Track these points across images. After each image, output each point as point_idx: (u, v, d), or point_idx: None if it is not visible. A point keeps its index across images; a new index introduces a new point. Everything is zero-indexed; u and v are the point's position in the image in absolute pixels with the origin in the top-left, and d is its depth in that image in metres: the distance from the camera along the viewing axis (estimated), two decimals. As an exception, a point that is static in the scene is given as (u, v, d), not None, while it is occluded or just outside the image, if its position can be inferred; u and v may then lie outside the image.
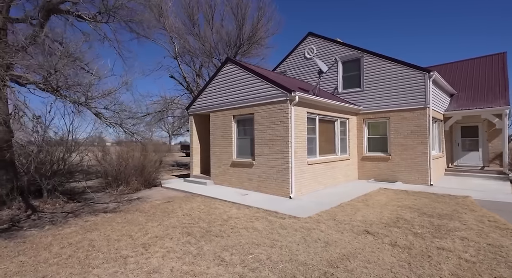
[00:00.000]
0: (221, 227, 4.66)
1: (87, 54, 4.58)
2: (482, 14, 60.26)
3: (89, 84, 4.36)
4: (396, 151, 9.69)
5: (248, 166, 8.33)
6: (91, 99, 4.56)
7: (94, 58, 4.60)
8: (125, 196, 8.05)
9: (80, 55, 4.39)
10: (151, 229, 4.61)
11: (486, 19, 64.48)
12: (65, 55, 3.93)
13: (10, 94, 3.68)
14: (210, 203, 6.80)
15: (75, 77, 4.36)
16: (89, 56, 4.66)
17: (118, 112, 5.10)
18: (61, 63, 3.85)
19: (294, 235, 4.14)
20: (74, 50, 4.12)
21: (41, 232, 4.58)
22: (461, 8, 56.59)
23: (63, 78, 4.08)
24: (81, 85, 4.26)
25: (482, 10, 59.42)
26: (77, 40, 4.18)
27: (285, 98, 7.23)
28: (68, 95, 4.45)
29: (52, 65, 3.76)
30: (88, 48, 4.40)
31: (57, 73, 3.92)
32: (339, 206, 6.13)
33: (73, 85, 4.19)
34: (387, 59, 9.88)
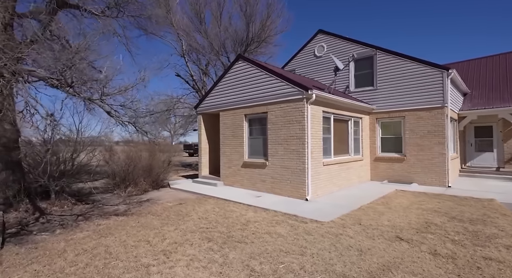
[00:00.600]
0: (242, 232, 4.40)
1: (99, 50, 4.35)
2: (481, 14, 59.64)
3: (106, 79, 4.12)
4: (412, 151, 9.41)
5: (260, 167, 8.07)
6: (107, 96, 4.32)
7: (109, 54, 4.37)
8: (134, 198, 7.81)
9: (97, 48, 4.16)
10: (168, 233, 4.36)
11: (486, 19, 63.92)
12: (83, 48, 3.69)
13: (21, 90, 3.46)
14: (224, 205, 6.55)
15: (89, 73, 4.12)
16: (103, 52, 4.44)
17: (135, 110, 4.85)
18: (78, 57, 3.61)
19: (322, 241, 3.88)
20: (91, 43, 3.88)
21: (52, 236, 4.34)
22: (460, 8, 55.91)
23: (77, 73, 3.84)
24: (97, 81, 4.02)
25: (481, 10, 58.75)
26: (93, 33, 3.95)
27: (301, 96, 6.96)
28: (81, 92, 4.21)
29: (69, 58, 3.52)
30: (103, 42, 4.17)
31: (73, 67, 3.68)
32: (360, 209, 5.86)
33: (89, 80, 3.96)
34: (403, 57, 9.58)
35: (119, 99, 4.82)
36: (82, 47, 3.71)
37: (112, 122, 5.46)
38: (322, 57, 12.07)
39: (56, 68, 3.61)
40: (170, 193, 8.55)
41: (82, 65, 3.85)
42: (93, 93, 4.36)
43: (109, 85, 4.24)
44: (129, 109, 4.69)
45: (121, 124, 4.95)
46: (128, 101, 4.61)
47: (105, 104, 4.49)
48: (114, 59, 4.80)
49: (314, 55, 12.43)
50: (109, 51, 4.65)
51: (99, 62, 4.09)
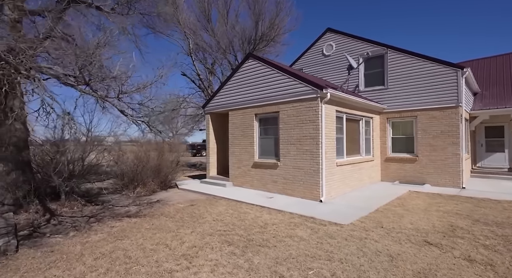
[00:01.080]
0: (262, 235, 4.26)
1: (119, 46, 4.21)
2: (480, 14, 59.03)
3: (125, 77, 3.99)
4: (424, 151, 9.24)
5: (272, 167, 7.93)
6: (124, 94, 4.18)
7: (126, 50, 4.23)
8: (143, 198, 7.69)
9: (117, 44, 4.02)
10: (185, 236, 4.22)
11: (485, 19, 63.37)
12: (103, 44, 3.55)
13: (37, 88, 3.33)
14: (237, 206, 6.41)
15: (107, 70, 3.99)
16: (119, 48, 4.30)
17: (153, 109, 4.71)
18: (98, 52, 3.47)
19: (348, 245, 3.74)
20: (111, 39, 3.75)
21: (67, 239, 4.21)
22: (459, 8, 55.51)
23: (95, 70, 3.71)
24: (116, 78, 3.88)
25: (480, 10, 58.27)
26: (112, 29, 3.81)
27: (315, 95, 6.81)
28: (98, 90, 4.07)
29: (89, 54, 3.38)
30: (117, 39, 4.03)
31: (93, 63, 3.55)
32: (378, 211, 5.72)
33: (108, 77, 3.82)
34: (415, 56, 9.41)
35: (135, 98, 4.69)
36: (102, 43, 3.57)
37: (123, 120, 5.32)
38: (330, 56, 11.90)
39: (77, 65, 3.48)
40: (178, 193, 8.42)
41: (99, 63, 3.71)
42: (109, 91, 4.23)
43: (127, 83, 4.10)
44: (147, 107, 4.54)
45: (135, 123, 4.81)
46: (146, 100, 4.47)
47: (123, 103, 4.35)
48: (127, 57, 4.66)
49: (322, 54, 12.26)
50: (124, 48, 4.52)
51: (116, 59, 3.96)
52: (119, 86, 4.04)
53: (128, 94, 4.28)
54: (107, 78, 3.84)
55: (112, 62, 3.96)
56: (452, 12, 46.33)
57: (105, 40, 3.58)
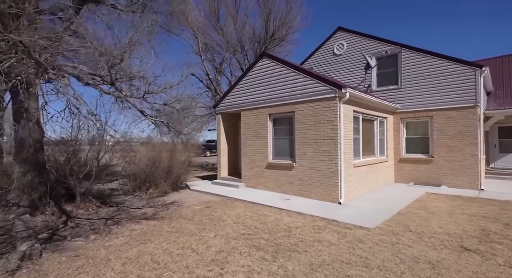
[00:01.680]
0: (288, 239, 4.13)
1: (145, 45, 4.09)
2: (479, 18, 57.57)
3: (154, 76, 3.88)
4: (440, 152, 9.07)
5: (287, 168, 7.79)
6: (151, 93, 4.06)
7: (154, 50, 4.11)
8: (156, 200, 7.58)
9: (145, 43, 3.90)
10: (210, 240, 4.10)
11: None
12: (134, 42, 3.43)
13: (62, 88, 3.23)
14: (255, 209, 6.28)
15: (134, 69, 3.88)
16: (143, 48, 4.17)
17: (178, 110, 4.59)
18: (129, 50, 3.37)
19: (381, 251, 3.60)
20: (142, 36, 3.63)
21: (88, 243, 4.11)
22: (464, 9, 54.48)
23: (121, 69, 3.60)
24: (144, 77, 3.77)
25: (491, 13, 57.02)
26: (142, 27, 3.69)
27: (333, 95, 6.67)
28: (122, 89, 3.97)
29: (119, 53, 3.27)
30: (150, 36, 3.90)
31: (123, 62, 3.44)
32: (401, 214, 5.57)
33: (136, 77, 3.71)
34: (431, 54, 9.24)
35: (158, 97, 4.57)
36: (134, 41, 3.46)
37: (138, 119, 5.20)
38: (341, 56, 11.75)
39: (107, 63, 3.37)
40: (191, 195, 8.31)
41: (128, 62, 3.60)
42: (132, 91, 4.12)
43: (154, 82, 3.99)
44: (173, 108, 4.43)
45: (154, 124, 4.70)
46: (172, 100, 4.36)
47: (148, 103, 4.24)
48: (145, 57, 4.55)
49: (333, 53, 12.10)
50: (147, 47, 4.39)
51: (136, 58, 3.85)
52: (146, 86, 3.93)
53: (154, 94, 4.17)
54: (136, 77, 3.73)
55: (140, 61, 3.84)
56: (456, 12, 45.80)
57: (136, 39, 3.47)
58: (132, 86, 4.09)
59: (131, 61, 4.14)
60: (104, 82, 3.76)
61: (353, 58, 11.29)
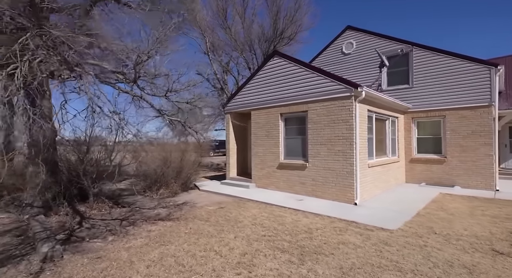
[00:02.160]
0: (311, 241, 4.04)
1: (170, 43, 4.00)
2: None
3: (179, 73, 3.80)
4: (453, 152, 8.94)
5: (299, 168, 7.70)
6: (174, 92, 3.98)
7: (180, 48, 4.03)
8: (167, 200, 7.50)
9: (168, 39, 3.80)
10: (231, 242, 4.01)
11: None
12: (162, 39, 3.34)
13: (83, 86, 3.15)
14: (269, 209, 6.19)
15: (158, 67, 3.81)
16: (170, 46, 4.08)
17: (200, 108, 4.52)
18: (155, 48, 3.27)
19: (411, 254, 3.50)
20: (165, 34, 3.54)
21: (107, 244, 4.03)
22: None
23: (144, 68, 3.52)
24: (169, 75, 3.70)
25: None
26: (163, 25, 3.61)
27: (349, 94, 6.57)
28: (144, 88, 3.89)
29: (144, 50, 3.19)
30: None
31: (148, 60, 3.36)
32: (420, 215, 5.46)
33: (160, 75, 3.64)
34: (443, 53, 9.11)
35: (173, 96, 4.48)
36: (161, 38, 3.37)
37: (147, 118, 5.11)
38: (351, 55, 11.64)
39: (134, 61, 3.29)
40: (202, 195, 8.23)
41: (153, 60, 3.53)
42: (153, 89, 4.03)
43: (177, 81, 3.91)
44: (195, 107, 4.35)
45: (170, 123, 4.62)
46: (196, 98, 4.28)
47: (169, 100, 4.15)
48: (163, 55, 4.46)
49: (341, 52, 11.99)
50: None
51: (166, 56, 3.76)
52: (169, 83, 3.85)
53: (178, 92, 4.08)
54: (160, 75, 3.65)
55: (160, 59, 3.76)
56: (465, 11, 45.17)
57: (163, 36, 3.38)
58: (153, 84, 4.00)
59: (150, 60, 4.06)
60: (127, 80, 3.69)
61: (362, 57, 11.17)
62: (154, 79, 3.80)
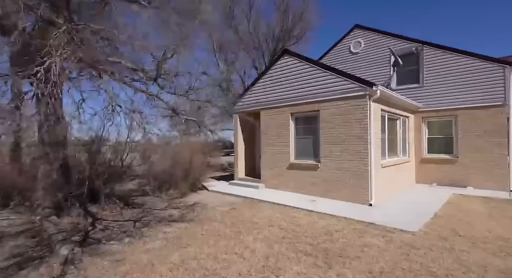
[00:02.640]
0: (332, 243, 3.94)
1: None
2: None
3: (202, 71, 3.70)
4: (465, 152, 8.81)
5: (311, 169, 7.59)
6: (196, 90, 3.89)
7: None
8: (177, 201, 7.41)
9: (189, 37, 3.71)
10: (251, 244, 3.92)
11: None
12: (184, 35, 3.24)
13: (103, 83, 3.06)
14: (283, 210, 6.10)
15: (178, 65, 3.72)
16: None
17: (225, 107, 4.41)
18: (181, 44, 3.17)
19: (440, 257, 3.39)
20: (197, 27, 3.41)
21: (125, 246, 3.94)
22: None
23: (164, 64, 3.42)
24: (190, 74, 3.61)
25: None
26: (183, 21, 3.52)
27: (363, 93, 6.46)
28: (164, 87, 3.80)
29: (170, 47, 3.09)
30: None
31: (173, 56, 3.26)
32: (438, 217, 5.35)
33: (184, 73, 3.54)
34: (455, 52, 8.99)
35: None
36: (185, 34, 3.27)
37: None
38: (359, 54, 11.52)
39: (159, 58, 3.19)
40: (211, 196, 8.13)
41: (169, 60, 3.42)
42: (171, 87, 3.94)
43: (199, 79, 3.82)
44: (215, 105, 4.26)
45: (185, 122, 4.53)
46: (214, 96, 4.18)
47: (190, 100, 4.06)
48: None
49: (349, 51, 11.88)
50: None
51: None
52: (192, 82, 3.76)
53: (196, 90, 3.99)
54: (182, 73, 3.56)
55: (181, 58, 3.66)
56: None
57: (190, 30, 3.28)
58: (172, 83, 3.91)
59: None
60: (147, 79, 3.59)
61: (371, 56, 11.06)
62: (175, 78, 3.71)
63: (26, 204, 5.78)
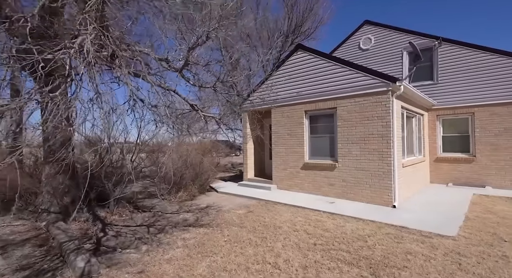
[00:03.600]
0: (371, 251, 3.61)
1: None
2: None
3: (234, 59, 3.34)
4: (484, 151, 8.55)
5: (327, 169, 7.27)
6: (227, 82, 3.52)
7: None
8: (187, 204, 7.05)
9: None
10: (282, 252, 3.58)
11: None
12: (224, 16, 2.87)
13: (123, 76, 2.71)
14: (302, 213, 5.77)
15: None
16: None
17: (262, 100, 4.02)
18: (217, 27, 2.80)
19: (498, 267, 3.08)
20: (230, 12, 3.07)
21: (143, 255, 3.58)
22: None
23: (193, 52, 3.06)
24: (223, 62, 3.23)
25: None
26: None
27: (385, 89, 6.15)
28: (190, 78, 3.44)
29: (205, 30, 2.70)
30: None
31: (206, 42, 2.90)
32: (470, 219, 5.06)
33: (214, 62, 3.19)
34: (472, 47, 8.73)
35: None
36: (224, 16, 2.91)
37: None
38: (369, 50, 11.24)
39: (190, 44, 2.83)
40: (222, 198, 7.78)
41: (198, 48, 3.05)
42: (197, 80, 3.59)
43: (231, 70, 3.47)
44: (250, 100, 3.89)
45: (205, 119, 4.18)
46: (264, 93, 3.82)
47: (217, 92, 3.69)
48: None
49: (359, 48, 11.60)
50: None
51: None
52: (223, 73, 3.40)
53: (227, 82, 3.64)
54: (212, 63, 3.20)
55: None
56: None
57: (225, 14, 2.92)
58: (196, 74, 3.55)
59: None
60: (172, 69, 3.24)
61: (382, 52, 10.79)
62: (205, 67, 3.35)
63: (30, 209, 5.40)
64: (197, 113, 4.11)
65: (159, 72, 3.27)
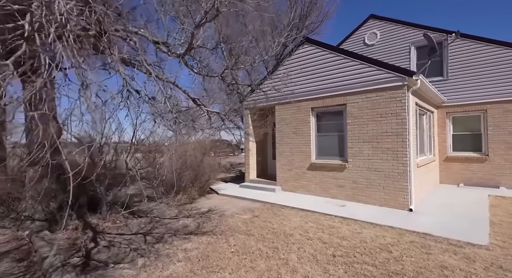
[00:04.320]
0: (399, 264, 3.17)
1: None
2: None
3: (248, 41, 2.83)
4: (497, 150, 8.18)
5: (336, 169, 6.83)
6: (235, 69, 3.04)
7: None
8: (186, 207, 6.57)
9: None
10: (299, 266, 3.12)
11: None
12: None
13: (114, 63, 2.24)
14: (313, 218, 5.32)
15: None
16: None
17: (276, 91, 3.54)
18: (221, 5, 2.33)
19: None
20: None
21: (140, 271, 3.10)
22: None
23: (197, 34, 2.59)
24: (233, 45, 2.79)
25: None
26: None
27: (401, 83, 5.72)
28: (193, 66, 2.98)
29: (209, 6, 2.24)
30: None
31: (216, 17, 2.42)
32: (496, 224, 4.66)
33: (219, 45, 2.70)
34: (485, 42, 8.35)
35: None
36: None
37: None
38: (374, 46, 10.84)
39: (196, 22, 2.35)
40: (224, 200, 7.30)
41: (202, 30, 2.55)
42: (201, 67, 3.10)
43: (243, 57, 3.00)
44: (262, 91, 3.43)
45: (208, 115, 3.71)
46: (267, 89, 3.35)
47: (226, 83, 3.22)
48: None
49: (364, 43, 11.19)
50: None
51: None
52: (233, 59, 2.92)
53: (236, 70, 3.17)
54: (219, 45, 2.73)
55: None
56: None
57: None
58: (200, 62, 3.07)
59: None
60: (172, 54, 2.76)
61: (388, 48, 10.39)
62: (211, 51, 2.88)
63: (12, 216, 4.87)
64: (199, 109, 3.62)
65: (157, 59, 2.80)
